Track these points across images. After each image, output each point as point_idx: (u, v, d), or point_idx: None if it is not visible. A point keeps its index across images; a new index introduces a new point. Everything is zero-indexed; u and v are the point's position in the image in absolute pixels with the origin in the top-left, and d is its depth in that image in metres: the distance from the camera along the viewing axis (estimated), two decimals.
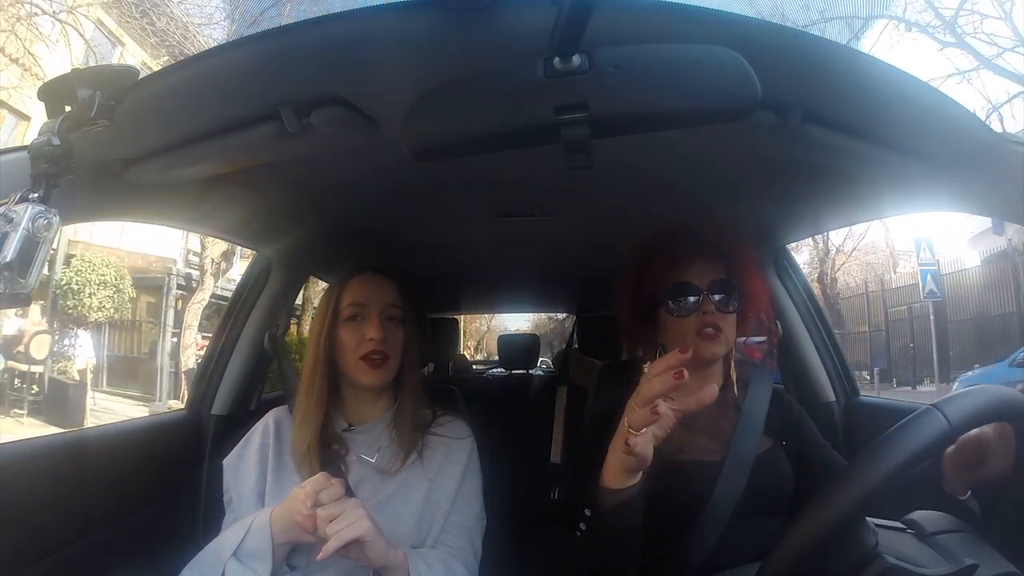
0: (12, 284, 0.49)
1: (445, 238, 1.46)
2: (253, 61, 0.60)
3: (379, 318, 0.93)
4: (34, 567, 0.84)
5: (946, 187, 0.80)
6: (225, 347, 1.34)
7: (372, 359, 0.92)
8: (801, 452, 0.91)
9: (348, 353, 0.92)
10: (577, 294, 2.51)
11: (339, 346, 0.93)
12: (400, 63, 0.59)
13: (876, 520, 0.61)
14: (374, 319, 0.93)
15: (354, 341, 0.92)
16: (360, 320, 0.93)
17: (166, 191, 0.87)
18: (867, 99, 0.64)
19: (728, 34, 0.53)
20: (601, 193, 1.10)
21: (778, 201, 1.09)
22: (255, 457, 0.92)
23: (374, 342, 0.91)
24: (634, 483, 0.68)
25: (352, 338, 0.92)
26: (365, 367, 0.92)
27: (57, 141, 0.53)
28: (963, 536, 0.61)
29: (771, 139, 0.70)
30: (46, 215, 0.50)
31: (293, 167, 0.92)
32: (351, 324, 0.93)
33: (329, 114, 0.65)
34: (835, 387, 1.35)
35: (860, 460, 0.58)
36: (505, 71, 0.51)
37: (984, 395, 0.60)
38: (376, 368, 0.92)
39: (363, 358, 0.92)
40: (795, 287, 1.38)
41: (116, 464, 1.03)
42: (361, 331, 0.92)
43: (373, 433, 0.95)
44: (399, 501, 0.89)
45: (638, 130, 0.53)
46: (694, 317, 0.88)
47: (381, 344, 0.92)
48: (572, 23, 0.45)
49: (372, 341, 0.91)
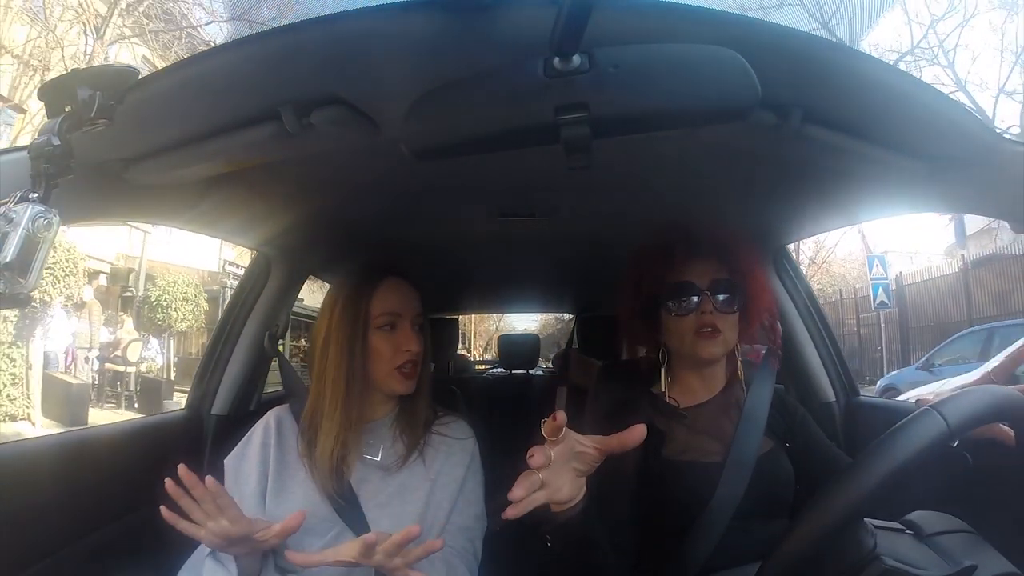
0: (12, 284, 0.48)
1: (445, 238, 1.46)
2: (253, 61, 0.60)
3: (411, 327, 0.94)
4: (34, 567, 0.84)
5: (946, 187, 0.79)
6: (225, 347, 1.34)
7: (405, 370, 0.92)
8: (808, 454, 0.91)
9: (383, 363, 0.92)
10: (577, 294, 2.51)
11: (372, 355, 0.92)
12: (400, 63, 0.59)
13: (875, 521, 0.60)
14: (408, 329, 0.93)
15: (389, 351, 0.92)
16: (393, 330, 0.93)
17: (166, 191, 0.87)
18: (867, 99, 0.64)
19: (728, 34, 0.53)
20: (601, 193, 1.10)
21: (778, 201, 1.09)
22: (256, 457, 0.92)
23: (411, 353, 0.92)
24: (573, 504, 0.66)
25: (387, 348, 0.92)
26: (400, 377, 0.92)
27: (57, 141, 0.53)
28: (962, 536, 0.61)
29: (771, 139, 0.70)
30: (46, 215, 0.50)
31: (293, 167, 0.91)
32: (384, 333, 0.92)
33: (329, 114, 0.65)
34: (835, 387, 1.35)
35: (858, 462, 0.58)
36: (505, 71, 0.51)
37: (983, 396, 0.60)
38: (410, 378, 0.93)
39: (398, 368, 0.92)
40: (795, 287, 1.38)
41: (116, 464, 1.03)
42: (395, 341, 0.92)
43: (377, 432, 0.95)
44: (401, 500, 0.89)
45: (638, 130, 0.54)
46: (693, 316, 0.88)
47: (417, 355, 0.93)
48: (572, 23, 0.45)
49: (409, 352, 0.92)
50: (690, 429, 0.91)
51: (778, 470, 0.88)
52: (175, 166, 0.76)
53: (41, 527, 0.86)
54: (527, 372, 2.59)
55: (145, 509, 1.08)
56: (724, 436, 0.89)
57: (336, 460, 0.88)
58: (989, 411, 0.59)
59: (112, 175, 0.77)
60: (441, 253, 1.62)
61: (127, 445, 1.11)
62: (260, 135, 0.68)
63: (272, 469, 0.91)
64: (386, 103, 0.65)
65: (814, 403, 1.33)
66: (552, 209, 1.23)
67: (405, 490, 0.90)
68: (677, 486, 0.85)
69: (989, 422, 0.64)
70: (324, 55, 0.59)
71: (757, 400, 0.91)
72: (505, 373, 2.63)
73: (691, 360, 0.92)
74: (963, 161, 0.72)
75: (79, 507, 0.93)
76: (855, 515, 0.57)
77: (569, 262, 1.81)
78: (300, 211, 1.16)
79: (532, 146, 0.52)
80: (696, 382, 0.94)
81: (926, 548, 0.60)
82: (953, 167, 0.74)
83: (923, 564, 0.57)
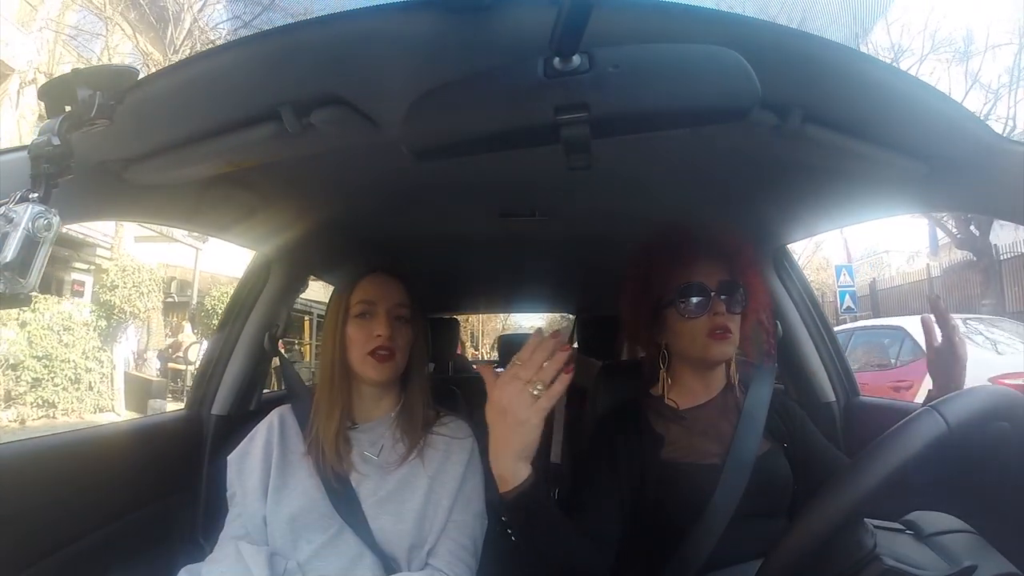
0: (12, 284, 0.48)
1: (445, 238, 1.46)
2: (253, 61, 0.60)
3: (387, 316, 0.95)
4: (34, 567, 0.84)
5: (946, 187, 0.79)
6: (225, 347, 1.34)
7: (379, 354, 0.93)
8: (806, 455, 0.91)
9: (356, 349, 0.94)
10: (577, 294, 2.50)
11: (348, 343, 0.94)
12: (400, 63, 0.59)
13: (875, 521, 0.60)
14: (382, 316, 0.95)
15: (362, 338, 0.94)
16: (368, 317, 0.95)
17: (166, 191, 0.87)
18: (867, 99, 0.64)
19: (728, 34, 0.53)
20: (601, 193, 1.10)
21: (778, 201, 1.09)
22: (260, 454, 0.93)
23: (381, 338, 0.93)
24: (527, 476, 0.67)
25: (360, 335, 0.94)
26: (373, 362, 0.93)
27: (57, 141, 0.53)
28: (962, 536, 0.61)
29: (771, 139, 0.70)
30: (46, 215, 0.50)
31: (293, 167, 0.91)
32: (359, 321, 0.95)
33: (329, 114, 0.65)
34: (835, 387, 1.35)
35: (858, 462, 0.58)
36: (505, 71, 0.51)
37: (982, 396, 0.60)
38: (383, 363, 0.93)
39: (370, 353, 0.93)
40: (795, 287, 1.37)
41: (116, 464, 1.03)
42: (369, 328, 0.94)
43: (376, 431, 0.96)
44: (400, 498, 0.90)
45: (638, 130, 0.54)
46: (704, 318, 0.88)
47: (388, 340, 0.93)
48: (572, 23, 0.45)
49: (380, 337, 0.93)
50: (689, 431, 0.90)
51: (777, 471, 0.88)
52: (175, 166, 0.76)
53: (41, 527, 0.86)
54: None
55: (145, 509, 1.09)
56: (723, 437, 0.89)
57: (336, 456, 0.89)
58: (989, 411, 0.59)
59: (112, 175, 0.77)
60: (441, 253, 1.62)
61: (127, 445, 1.11)
62: (260, 135, 0.68)
63: (275, 467, 0.92)
64: (386, 103, 0.65)
65: (814, 403, 1.33)
66: (552, 209, 1.23)
67: (404, 487, 0.91)
68: (676, 488, 0.85)
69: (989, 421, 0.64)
70: (324, 55, 0.59)
71: (756, 401, 0.91)
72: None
73: (699, 362, 0.92)
74: (963, 161, 0.72)
75: (79, 507, 0.94)
76: (855, 515, 0.57)
77: (569, 262, 1.81)
78: (300, 211, 1.16)
79: (532, 146, 0.52)
80: (696, 383, 0.94)
81: (926, 548, 0.60)
82: (953, 167, 0.74)
83: (923, 564, 0.57)
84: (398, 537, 0.87)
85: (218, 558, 0.85)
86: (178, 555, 0.87)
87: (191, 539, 1.17)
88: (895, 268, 15.82)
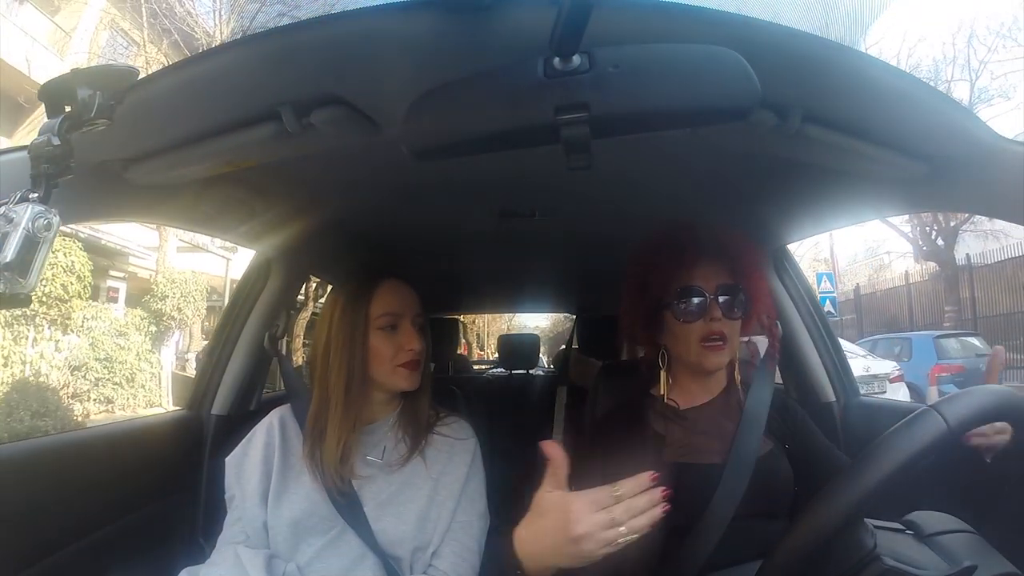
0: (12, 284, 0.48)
1: (445, 238, 1.46)
2: (253, 61, 0.60)
3: (412, 327, 0.96)
4: (34, 567, 0.84)
5: (946, 187, 0.79)
6: (225, 347, 1.34)
7: (411, 364, 0.94)
8: (807, 455, 0.91)
9: (384, 362, 0.94)
10: (577, 294, 2.50)
11: (373, 356, 0.93)
12: (400, 63, 0.59)
13: (875, 521, 0.60)
14: (409, 328, 0.95)
15: (391, 350, 0.94)
16: (394, 330, 0.95)
17: (166, 191, 0.87)
18: (867, 99, 0.64)
19: (728, 34, 0.53)
20: (601, 193, 1.10)
21: (778, 201, 1.09)
22: (259, 457, 0.92)
23: (414, 352, 0.94)
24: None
25: (388, 347, 0.94)
26: (404, 372, 0.94)
27: (57, 141, 0.53)
28: (962, 536, 0.61)
29: (771, 139, 0.70)
30: (46, 215, 0.50)
31: (293, 167, 0.91)
32: (385, 334, 0.94)
33: (329, 114, 0.65)
34: (835, 387, 1.35)
35: (858, 462, 0.58)
36: (505, 71, 0.51)
37: (982, 396, 0.60)
38: (415, 371, 0.95)
39: (402, 365, 0.94)
40: (795, 287, 1.37)
41: (116, 464, 1.03)
42: (397, 340, 0.94)
43: (378, 433, 0.96)
44: (403, 500, 0.90)
45: (638, 130, 0.53)
46: (700, 324, 0.88)
47: (420, 352, 0.95)
48: (572, 23, 0.45)
49: (412, 351, 0.94)
50: (690, 431, 0.90)
51: (778, 471, 0.88)
52: (175, 166, 0.76)
53: (41, 527, 0.86)
54: (527, 372, 2.59)
55: (145, 509, 1.09)
56: (724, 437, 0.88)
57: (340, 461, 0.89)
58: (989, 411, 0.59)
59: (112, 175, 0.77)
60: (441, 253, 1.62)
61: (127, 445, 1.11)
62: (260, 135, 0.68)
63: (276, 470, 0.91)
64: (386, 103, 0.65)
65: (814, 403, 1.33)
66: (552, 209, 1.23)
67: (407, 489, 0.91)
68: (678, 487, 0.85)
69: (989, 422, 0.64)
70: (324, 55, 0.59)
71: (757, 401, 0.91)
72: (505, 373, 2.63)
73: (695, 367, 0.92)
74: (963, 161, 0.72)
75: (79, 507, 0.93)
76: (855, 515, 0.57)
77: (569, 262, 1.81)
78: (300, 211, 1.16)
79: (532, 146, 0.51)
80: (696, 385, 0.94)
81: (926, 548, 0.60)
82: (953, 167, 0.74)
83: (923, 564, 0.57)
84: (400, 538, 0.87)
85: (217, 562, 0.85)
86: (178, 555, 0.87)
87: (191, 539, 1.17)
88: (896, 269, 16.12)
